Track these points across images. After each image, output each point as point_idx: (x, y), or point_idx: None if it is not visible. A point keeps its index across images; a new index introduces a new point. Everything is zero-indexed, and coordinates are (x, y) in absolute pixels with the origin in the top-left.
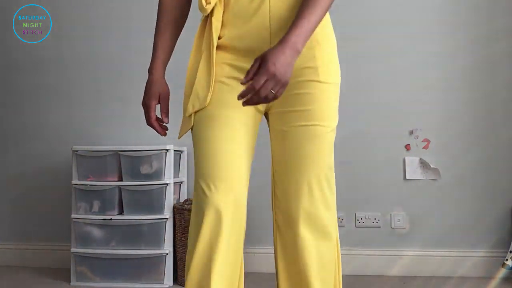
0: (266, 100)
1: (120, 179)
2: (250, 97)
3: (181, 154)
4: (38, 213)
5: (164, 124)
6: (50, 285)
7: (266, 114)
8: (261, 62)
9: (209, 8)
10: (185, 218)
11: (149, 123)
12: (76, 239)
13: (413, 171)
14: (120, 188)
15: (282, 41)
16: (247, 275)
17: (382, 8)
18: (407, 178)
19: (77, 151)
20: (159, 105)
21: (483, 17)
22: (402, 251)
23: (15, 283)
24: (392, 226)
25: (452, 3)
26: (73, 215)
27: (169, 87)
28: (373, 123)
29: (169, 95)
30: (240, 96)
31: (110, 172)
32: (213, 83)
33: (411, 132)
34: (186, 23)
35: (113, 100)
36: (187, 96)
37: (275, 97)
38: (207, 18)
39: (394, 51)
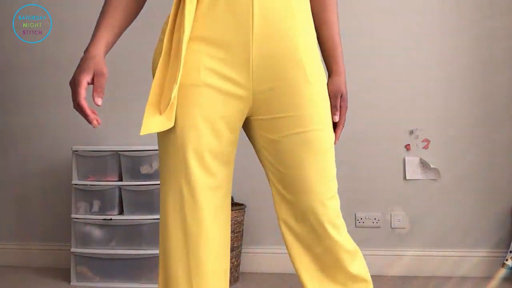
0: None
1: (120, 179)
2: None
3: None
4: (38, 213)
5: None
6: (50, 285)
7: (246, 120)
8: (341, 99)
9: None
10: None
11: (76, 102)
12: (76, 239)
13: (413, 171)
14: (120, 188)
15: (341, 71)
16: (247, 275)
17: (382, 8)
18: (407, 178)
19: (77, 151)
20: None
21: (483, 17)
22: (402, 251)
23: (15, 283)
24: (392, 226)
25: (452, 3)
26: (73, 215)
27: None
28: (373, 123)
29: (105, 73)
30: (337, 140)
31: (110, 172)
32: (180, 74)
33: (411, 132)
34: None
35: (113, 100)
36: (155, 90)
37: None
38: (177, 9)
39: (394, 51)
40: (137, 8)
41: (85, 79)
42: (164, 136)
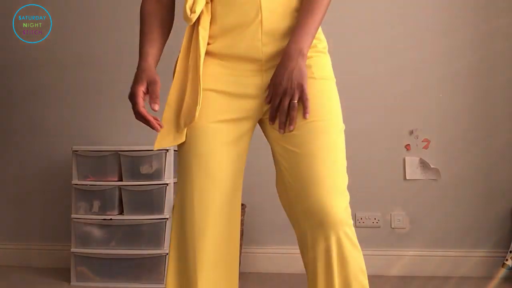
0: (292, 112)
1: (120, 179)
2: (279, 120)
3: None
4: (38, 213)
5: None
6: (50, 285)
7: (261, 123)
8: (270, 84)
9: (194, 17)
10: None
11: (136, 110)
12: (76, 239)
13: (413, 171)
14: (120, 188)
15: (288, 51)
16: (248, 275)
17: (382, 8)
18: (407, 178)
19: (77, 151)
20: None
21: (483, 17)
22: (402, 251)
23: (15, 283)
24: (392, 226)
25: (452, 3)
26: (73, 215)
27: (169, 86)
28: (373, 123)
29: (158, 81)
30: (271, 121)
31: (110, 172)
32: (200, 97)
33: (411, 132)
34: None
35: (113, 100)
36: (171, 107)
37: (296, 104)
38: (194, 26)
39: (394, 51)
40: (170, 21)
41: (141, 89)
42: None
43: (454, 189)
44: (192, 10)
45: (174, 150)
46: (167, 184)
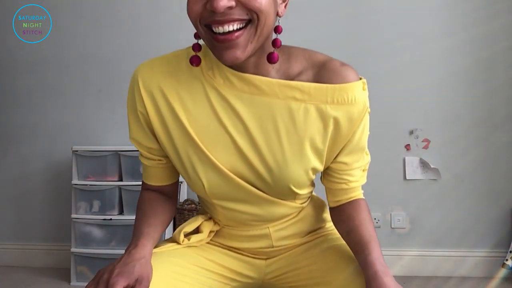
0: None
1: (120, 179)
2: None
3: None
4: (38, 213)
5: None
6: (50, 285)
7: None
8: None
9: (186, 244)
10: (185, 218)
11: None
12: (76, 239)
13: (413, 171)
14: (120, 188)
15: (375, 276)
16: None
17: (382, 8)
18: (407, 178)
19: (77, 151)
20: None
21: (483, 17)
22: (402, 251)
23: (15, 283)
24: (392, 226)
25: (453, 3)
26: (73, 215)
27: None
28: (373, 123)
29: (150, 281)
30: None
31: (110, 172)
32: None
33: (411, 132)
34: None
35: (113, 100)
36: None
37: None
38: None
39: (394, 51)
40: (171, 213)
41: (122, 284)
42: None
43: (454, 189)
44: (187, 237)
45: None
46: None
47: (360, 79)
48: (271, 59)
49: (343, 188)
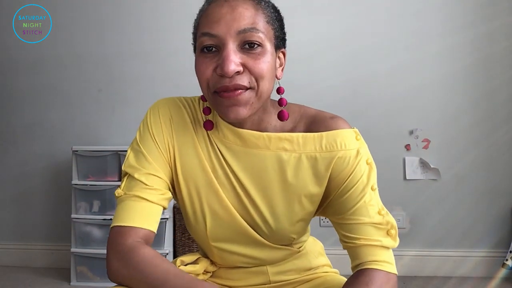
0: None
1: (120, 179)
2: None
3: None
4: (38, 213)
5: None
6: (50, 285)
7: None
8: None
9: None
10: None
11: None
12: (76, 239)
13: (413, 171)
14: None
15: None
16: None
17: (383, 8)
18: (407, 178)
19: (77, 151)
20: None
21: (483, 17)
22: (402, 251)
23: (15, 283)
24: None
25: (453, 2)
26: (73, 215)
27: (169, 86)
28: (373, 123)
29: None
30: None
31: (110, 172)
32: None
33: (411, 132)
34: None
35: (113, 100)
36: None
37: None
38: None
39: (394, 51)
40: None
41: None
42: None
43: (454, 189)
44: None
45: None
46: None
47: (352, 128)
48: (282, 117)
49: (349, 247)
